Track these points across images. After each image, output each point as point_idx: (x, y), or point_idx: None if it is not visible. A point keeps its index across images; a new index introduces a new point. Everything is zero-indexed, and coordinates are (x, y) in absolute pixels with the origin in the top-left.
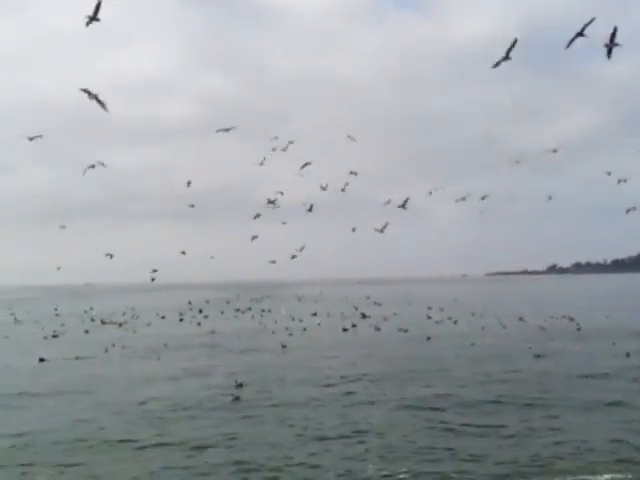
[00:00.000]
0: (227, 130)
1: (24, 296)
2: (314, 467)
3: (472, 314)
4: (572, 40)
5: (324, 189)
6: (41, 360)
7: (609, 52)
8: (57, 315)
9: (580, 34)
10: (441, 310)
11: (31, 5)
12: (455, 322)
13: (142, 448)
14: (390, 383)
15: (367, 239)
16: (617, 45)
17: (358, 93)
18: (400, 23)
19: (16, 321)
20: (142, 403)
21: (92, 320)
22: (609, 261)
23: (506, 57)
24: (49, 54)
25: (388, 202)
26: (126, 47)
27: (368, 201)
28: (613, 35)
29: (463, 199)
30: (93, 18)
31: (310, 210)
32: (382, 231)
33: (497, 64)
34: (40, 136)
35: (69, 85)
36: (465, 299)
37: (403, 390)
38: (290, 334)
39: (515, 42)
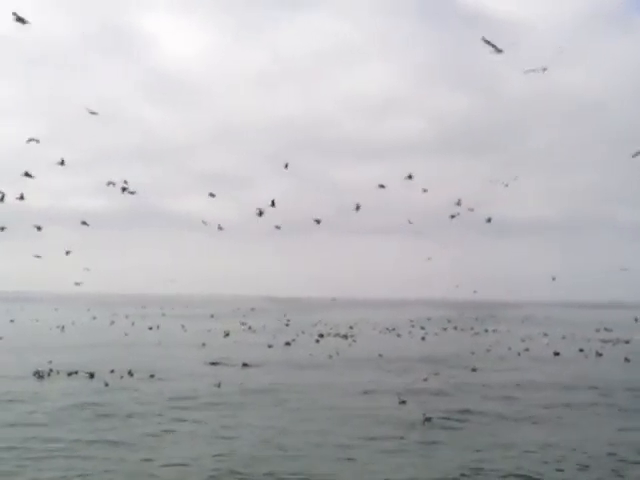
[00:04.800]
0: None
1: (257, 306)
2: None
3: None
4: None
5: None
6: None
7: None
8: (287, 325)
9: None
10: None
11: (271, 28)
12: None
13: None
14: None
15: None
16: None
17: (600, 110)
18: None
19: (249, 329)
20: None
21: (319, 333)
22: None
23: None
24: (290, 73)
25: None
26: (363, 66)
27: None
28: None
29: None
30: None
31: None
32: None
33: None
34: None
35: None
36: None
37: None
38: (515, 354)
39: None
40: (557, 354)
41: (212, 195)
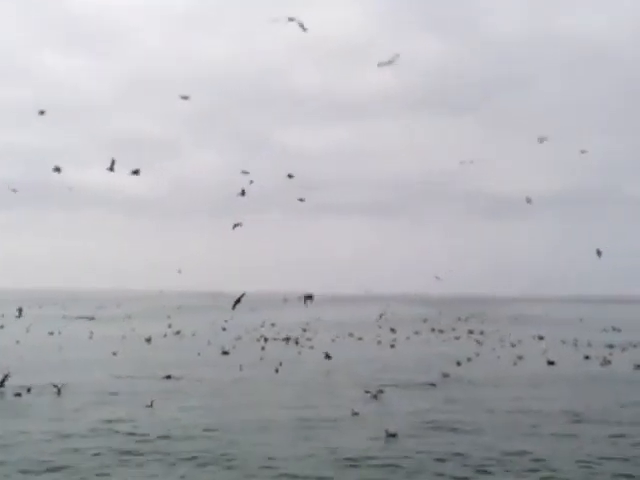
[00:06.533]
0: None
1: (185, 303)
2: None
3: None
4: None
5: None
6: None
7: None
8: (224, 330)
9: None
10: None
11: None
12: None
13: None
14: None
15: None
16: None
17: (615, 56)
18: None
19: (176, 334)
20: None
21: (263, 337)
22: None
23: None
24: (226, 14)
25: None
26: (321, 5)
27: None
28: None
29: None
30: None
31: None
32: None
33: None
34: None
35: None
36: None
37: None
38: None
39: None
40: (551, 363)
41: (136, 172)
